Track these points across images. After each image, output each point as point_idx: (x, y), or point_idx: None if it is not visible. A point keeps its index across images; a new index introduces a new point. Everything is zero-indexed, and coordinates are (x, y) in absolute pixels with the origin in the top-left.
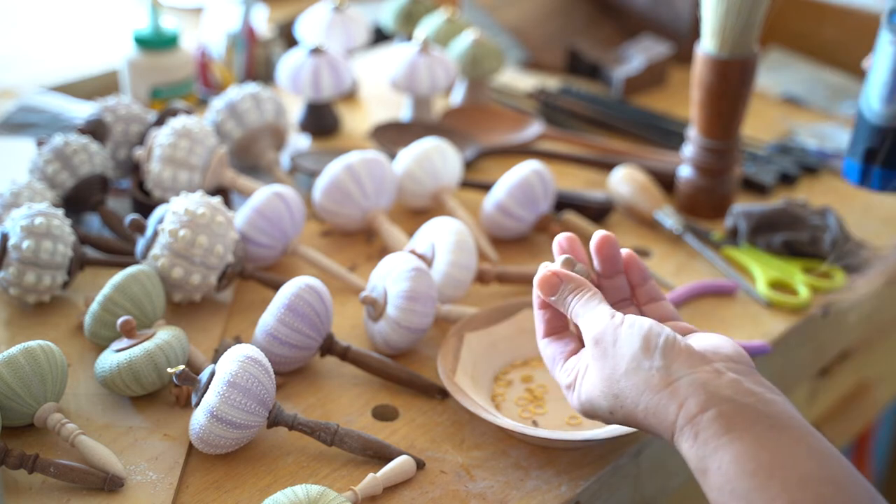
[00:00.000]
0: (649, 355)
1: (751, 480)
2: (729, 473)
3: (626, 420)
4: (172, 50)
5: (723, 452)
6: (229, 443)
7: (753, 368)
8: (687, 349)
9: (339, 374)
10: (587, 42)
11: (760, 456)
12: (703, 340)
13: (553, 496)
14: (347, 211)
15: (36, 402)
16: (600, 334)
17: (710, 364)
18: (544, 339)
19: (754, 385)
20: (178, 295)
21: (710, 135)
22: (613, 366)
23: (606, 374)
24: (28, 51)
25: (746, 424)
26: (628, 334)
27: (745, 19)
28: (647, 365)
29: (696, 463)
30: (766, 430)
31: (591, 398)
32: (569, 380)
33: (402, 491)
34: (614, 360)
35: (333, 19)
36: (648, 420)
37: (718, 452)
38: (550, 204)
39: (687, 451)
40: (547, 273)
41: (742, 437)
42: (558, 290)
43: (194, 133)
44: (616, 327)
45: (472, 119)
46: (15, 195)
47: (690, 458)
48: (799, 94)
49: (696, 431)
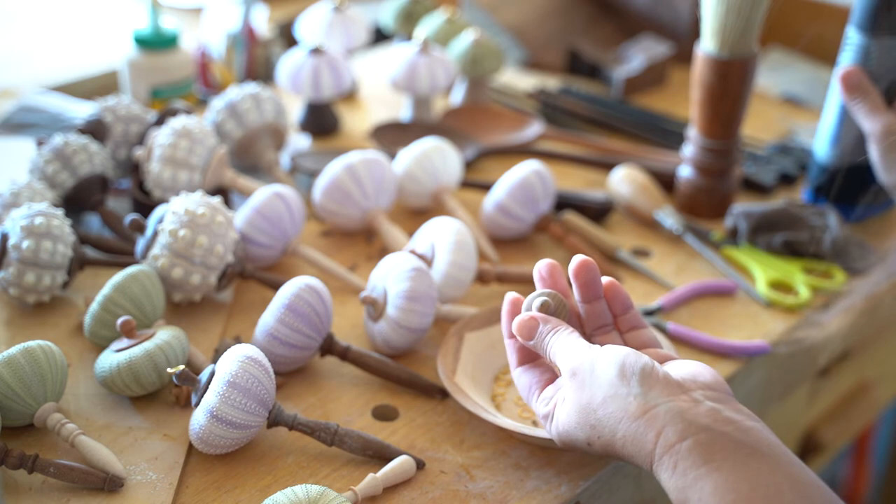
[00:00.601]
0: (626, 382)
1: None
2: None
3: (605, 450)
4: (172, 50)
5: (702, 483)
6: (229, 443)
7: (731, 396)
8: (665, 377)
9: (339, 374)
10: (587, 42)
11: (739, 487)
12: (681, 368)
13: (553, 496)
14: (347, 211)
15: (36, 403)
16: (578, 365)
17: (687, 392)
18: (518, 369)
19: (732, 413)
20: (178, 295)
21: (710, 135)
22: (591, 395)
23: (583, 403)
24: (28, 51)
25: (725, 454)
26: (605, 362)
27: (745, 19)
28: (624, 392)
29: (677, 494)
30: (744, 458)
31: (568, 430)
32: (546, 409)
33: (402, 491)
34: (591, 390)
35: (333, 19)
36: (626, 449)
37: (698, 483)
38: (550, 204)
39: (666, 481)
40: (524, 318)
41: (720, 468)
42: (536, 334)
43: (194, 133)
44: (593, 356)
45: (472, 119)
46: (15, 195)
47: (670, 488)
48: (799, 94)
49: (675, 461)
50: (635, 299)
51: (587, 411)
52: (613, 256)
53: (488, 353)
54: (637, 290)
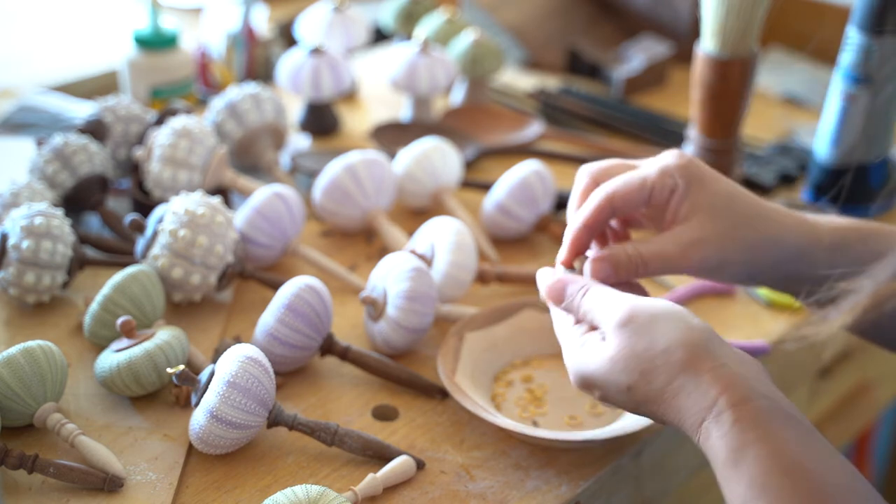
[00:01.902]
0: (694, 335)
1: (783, 479)
2: (764, 466)
3: (646, 397)
4: (172, 50)
5: (761, 444)
6: (229, 443)
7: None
8: (727, 342)
9: (339, 374)
10: (587, 42)
11: (793, 450)
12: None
13: (553, 496)
14: (347, 211)
15: (36, 403)
16: (629, 314)
17: (753, 362)
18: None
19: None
20: (178, 295)
21: (710, 134)
22: (650, 342)
23: (639, 350)
24: (28, 51)
25: (781, 422)
26: (668, 314)
27: (745, 19)
28: (691, 344)
29: (728, 453)
30: (802, 434)
31: (602, 373)
32: (579, 332)
33: (402, 491)
34: (651, 336)
35: (333, 19)
36: (676, 400)
37: (758, 444)
38: (550, 204)
39: (718, 438)
40: (553, 281)
41: (779, 433)
42: (566, 295)
43: (194, 133)
44: (650, 307)
45: (472, 119)
46: (15, 195)
47: (720, 447)
48: (799, 94)
49: (735, 419)
50: None
51: (642, 358)
52: None
53: (488, 353)
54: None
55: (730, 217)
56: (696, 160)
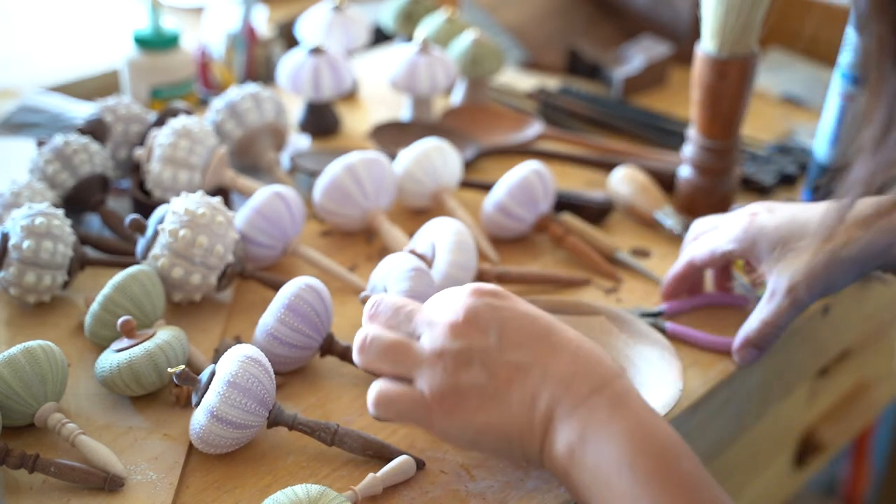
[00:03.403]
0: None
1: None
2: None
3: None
4: (172, 50)
5: (608, 433)
6: (229, 443)
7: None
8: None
9: (339, 374)
10: (587, 42)
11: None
12: None
13: (553, 496)
14: (347, 211)
15: (36, 402)
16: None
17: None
18: None
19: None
20: (178, 295)
21: (710, 135)
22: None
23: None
24: (28, 51)
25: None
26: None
27: (745, 19)
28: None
29: (567, 449)
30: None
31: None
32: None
33: (402, 491)
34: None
35: (333, 19)
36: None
37: (606, 433)
38: (550, 204)
39: (561, 439)
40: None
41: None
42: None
43: (194, 133)
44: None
45: (472, 119)
46: (15, 195)
47: (562, 443)
48: (799, 94)
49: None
50: (635, 300)
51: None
52: (612, 257)
53: None
54: (637, 290)
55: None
56: (759, 218)
